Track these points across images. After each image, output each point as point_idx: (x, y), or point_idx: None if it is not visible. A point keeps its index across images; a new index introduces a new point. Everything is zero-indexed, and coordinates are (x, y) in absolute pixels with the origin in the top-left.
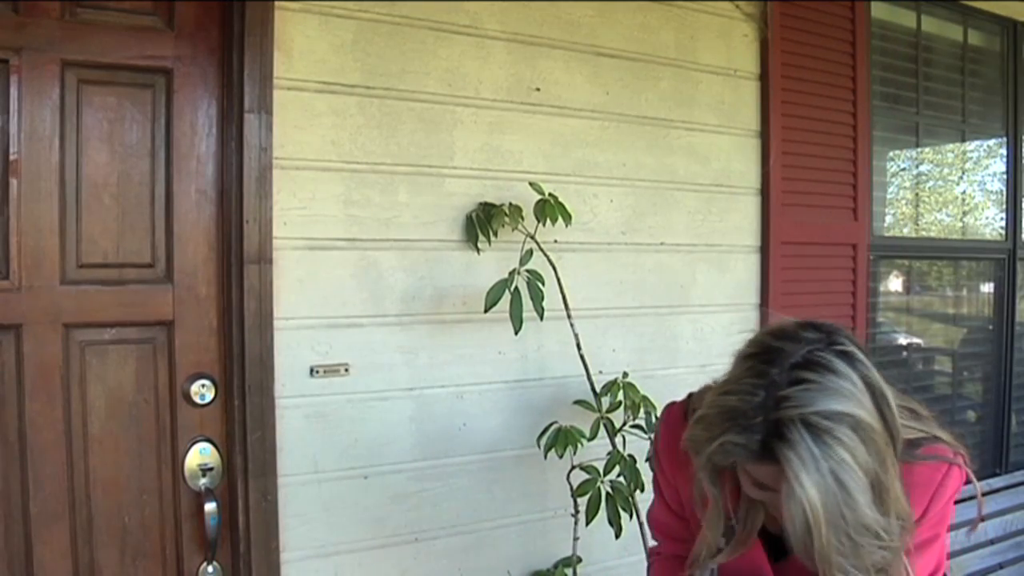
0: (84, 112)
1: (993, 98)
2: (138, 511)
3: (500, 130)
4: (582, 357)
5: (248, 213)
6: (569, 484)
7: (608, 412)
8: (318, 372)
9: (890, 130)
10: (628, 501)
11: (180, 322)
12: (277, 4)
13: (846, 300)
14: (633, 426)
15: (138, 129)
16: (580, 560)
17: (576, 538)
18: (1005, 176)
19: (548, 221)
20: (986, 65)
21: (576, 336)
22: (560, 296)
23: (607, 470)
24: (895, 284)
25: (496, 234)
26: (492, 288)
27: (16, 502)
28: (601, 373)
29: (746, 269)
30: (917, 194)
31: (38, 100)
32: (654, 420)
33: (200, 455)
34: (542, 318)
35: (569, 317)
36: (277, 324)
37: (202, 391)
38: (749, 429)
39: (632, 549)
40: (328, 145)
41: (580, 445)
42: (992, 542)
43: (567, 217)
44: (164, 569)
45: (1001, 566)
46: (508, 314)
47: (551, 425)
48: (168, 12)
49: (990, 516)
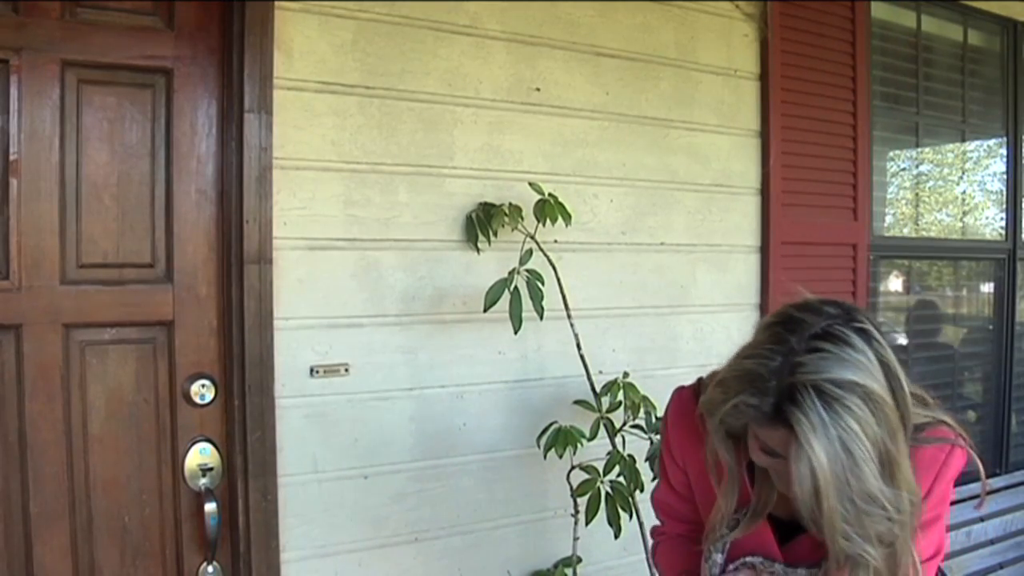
0: (84, 112)
1: (993, 98)
2: (138, 511)
3: (500, 130)
4: (582, 357)
5: (248, 213)
6: (569, 484)
7: (608, 412)
8: (318, 372)
9: (890, 130)
10: (628, 501)
11: (180, 322)
12: (277, 4)
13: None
14: (633, 426)
15: (138, 129)
16: (580, 560)
17: (576, 538)
18: (1005, 176)
19: (548, 221)
20: (986, 65)
21: (576, 336)
22: (560, 296)
23: (607, 470)
24: (895, 284)
25: (496, 234)
26: (492, 288)
27: (16, 502)
28: (601, 373)
29: (746, 269)
30: (917, 194)
31: (38, 100)
32: (654, 420)
33: (200, 455)
34: (542, 318)
35: (569, 317)
36: (277, 324)
37: (202, 391)
38: (763, 391)
39: (632, 549)
40: (328, 145)
41: (580, 445)
42: (992, 542)
43: (567, 217)
44: (164, 569)
45: (1001, 566)
46: (508, 314)
47: (551, 425)
48: (168, 12)
49: (990, 516)
